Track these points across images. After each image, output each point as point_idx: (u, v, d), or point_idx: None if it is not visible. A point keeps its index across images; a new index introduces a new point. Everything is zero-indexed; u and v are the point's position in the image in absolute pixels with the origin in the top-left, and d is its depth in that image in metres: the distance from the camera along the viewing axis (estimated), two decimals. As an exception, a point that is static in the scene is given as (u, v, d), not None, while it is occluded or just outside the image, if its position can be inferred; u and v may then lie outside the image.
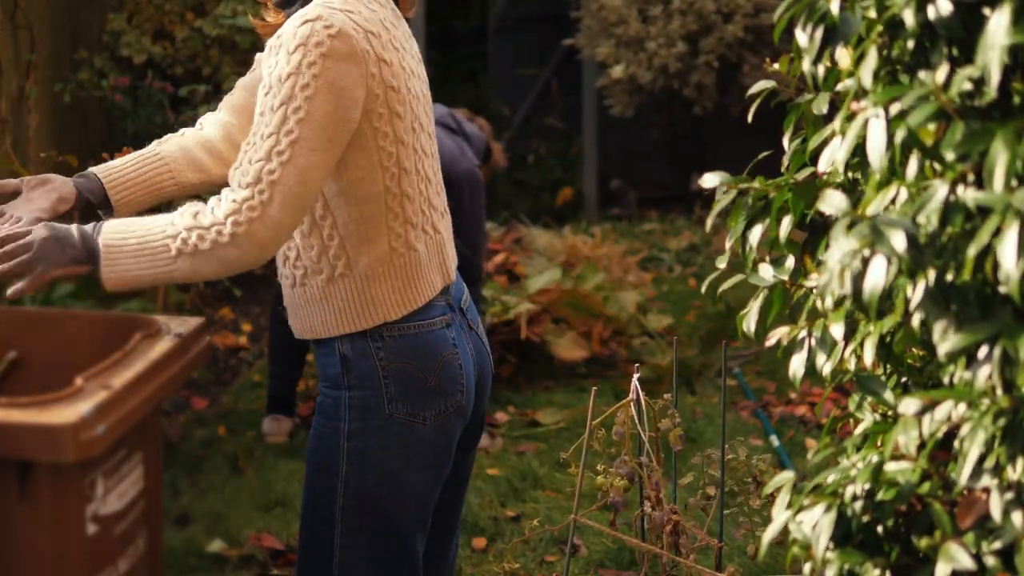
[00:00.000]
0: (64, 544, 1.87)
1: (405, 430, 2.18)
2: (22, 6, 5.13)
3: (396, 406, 2.17)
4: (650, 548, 2.52)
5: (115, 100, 5.79)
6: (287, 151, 1.99)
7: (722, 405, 2.56)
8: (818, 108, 1.78)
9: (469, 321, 2.30)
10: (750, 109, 1.92)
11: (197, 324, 2.21)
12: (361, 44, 2.03)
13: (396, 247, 2.16)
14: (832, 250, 1.41)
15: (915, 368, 1.72)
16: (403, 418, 2.18)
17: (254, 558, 3.61)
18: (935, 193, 1.39)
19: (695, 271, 7.02)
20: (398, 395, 2.17)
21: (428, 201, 2.22)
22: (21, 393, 1.99)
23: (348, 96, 2.02)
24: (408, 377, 2.17)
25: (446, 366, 2.19)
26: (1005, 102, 1.41)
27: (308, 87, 1.99)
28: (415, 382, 2.17)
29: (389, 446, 2.18)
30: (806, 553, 1.52)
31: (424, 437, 2.19)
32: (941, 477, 1.49)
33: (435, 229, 2.24)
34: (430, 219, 2.22)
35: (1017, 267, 1.25)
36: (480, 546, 3.68)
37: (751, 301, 1.86)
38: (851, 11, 1.58)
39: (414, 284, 2.18)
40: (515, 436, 4.57)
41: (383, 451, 2.19)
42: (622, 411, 2.50)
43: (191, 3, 6.25)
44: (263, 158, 2.00)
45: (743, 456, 2.63)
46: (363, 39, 2.04)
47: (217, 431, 4.54)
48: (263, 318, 5.94)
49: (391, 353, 2.17)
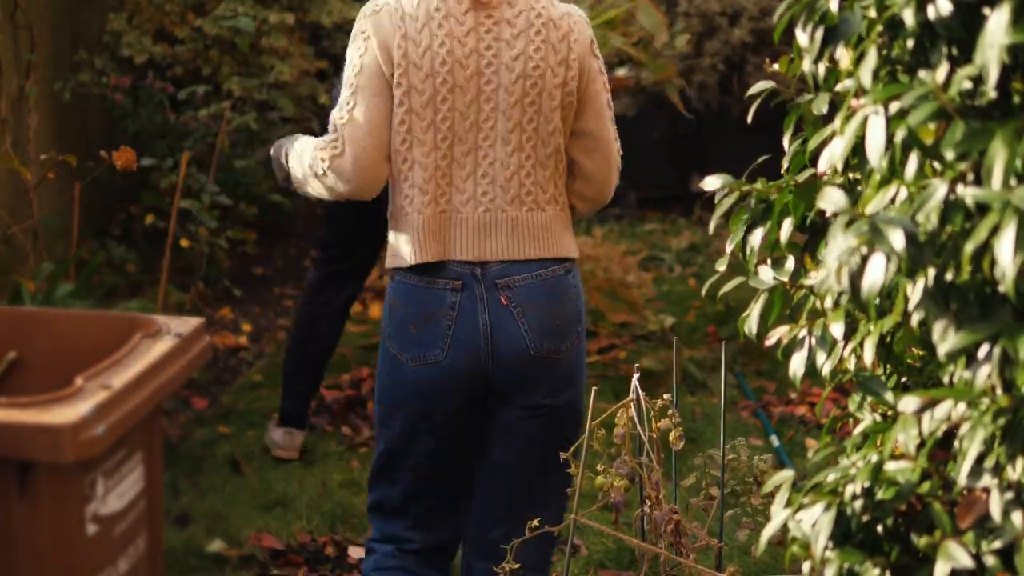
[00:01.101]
0: (64, 544, 1.87)
1: (394, 364, 2.58)
2: (22, 6, 5.13)
3: (390, 340, 2.57)
4: (650, 548, 2.52)
5: (115, 100, 5.79)
6: (351, 100, 2.52)
7: (722, 405, 2.56)
8: (818, 108, 1.78)
9: (503, 297, 2.54)
10: (750, 109, 1.92)
11: (197, 324, 2.21)
12: (393, 21, 2.47)
13: (403, 205, 2.55)
14: (830, 247, 1.41)
15: (915, 368, 1.72)
16: (393, 351, 2.57)
17: (254, 558, 3.61)
18: (934, 192, 1.39)
19: (695, 271, 7.01)
20: (392, 331, 2.56)
21: (449, 179, 2.52)
22: (21, 393, 1.99)
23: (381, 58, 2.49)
24: (399, 318, 2.55)
25: (434, 321, 2.52)
26: (1005, 101, 1.41)
27: (358, 49, 2.52)
28: (403, 325, 2.55)
29: (383, 372, 2.62)
30: (805, 552, 1.51)
31: (406, 375, 2.56)
32: (941, 476, 1.49)
33: (454, 207, 2.53)
34: (447, 195, 2.52)
35: (1013, 263, 1.25)
36: (480, 546, 3.68)
37: (752, 303, 1.86)
38: (851, 11, 1.58)
39: (410, 243, 2.52)
40: (515, 436, 4.57)
41: (380, 376, 2.64)
42: (622, 411, 2.50)
43: (191, 3, 6.25)
44: (339, 107, 2.53)
45: (744, 457, 2.63)
46: (391, 18, 2.48)
47: (217, 431, 4.54)
48: (263, 318, 5.94)
49: (395, 294, 2.57)
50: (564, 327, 2.62)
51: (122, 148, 3.88)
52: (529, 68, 2.51)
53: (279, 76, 6.14)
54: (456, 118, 2.50)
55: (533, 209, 2.56)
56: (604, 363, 5.31)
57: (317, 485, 4.08)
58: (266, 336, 5.69)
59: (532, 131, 2.55)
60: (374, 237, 4.28)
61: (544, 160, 2.57)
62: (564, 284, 2.63)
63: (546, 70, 2.52)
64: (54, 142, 5.28)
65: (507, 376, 2.57)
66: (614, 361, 5.32)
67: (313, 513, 3.86)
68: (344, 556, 3.63)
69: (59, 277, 4.31)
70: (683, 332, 5.60)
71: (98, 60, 5.89)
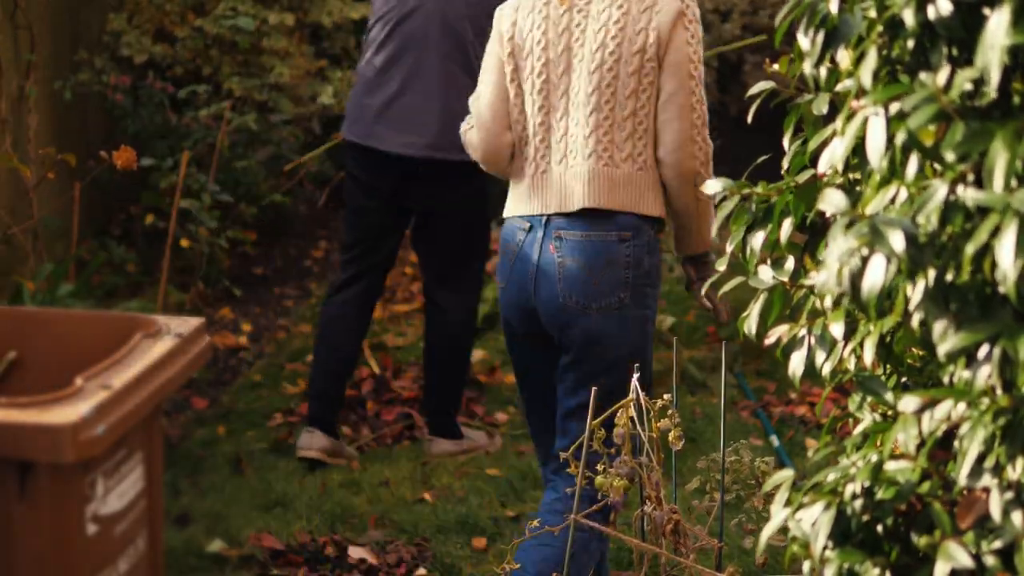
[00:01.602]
0: (64, 544, 1.87)
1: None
2: (22, 6, 5.13)
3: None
4: (650, 548, 2.52)
5: (116, 100, 5.79)
6: (480, 81, 3.03)
7: (722, 405, 2.56)
8: (818, 109, 1.78)
9: (552, 245, 2.86)
10: (750, 109, 1.92)
11: (197, 324, 2.21)
12: (508, 11, 2.94)
13: (521, 166, 2.95)
14: (831, 249, 1.41)
15: (915, 368, 1.72)
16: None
17: (254, 558, 3.61)
18: (935, 193, 1.39)
19: (695, 271, 7.00)
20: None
21: (548, 142, 2.90)
22: (21, 393, 1.99)
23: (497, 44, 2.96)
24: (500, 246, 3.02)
25: (507, 252, 2.96)
26: (1005, 102, 1.42)
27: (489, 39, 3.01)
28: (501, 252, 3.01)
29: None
30: (805, 551, 1.52)
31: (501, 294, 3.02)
32: (941, 476, 1.49)
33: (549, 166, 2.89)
34: (546, 156, 2.89)
35: (1014, 266, 1.25)
36: (480, 546, 3.68)
37: (752, 303, 1.86)
38: (851, 12, 1.58)
39: (513, 196, 2.98)
40: (515, 436, 4.57)
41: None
42: (622, 411, 2.50)
43: (191, 3, 6.25)
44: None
45: (747, 459, 2.62)
46: (509, 9, 2.94)
47: (217, 431, 4.54)
48: (263, 318, 5.95)
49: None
50: (601, 287, 2.84)
51: (122, 148, 3.88)
52: (608, 38, 2.82)
53: (279, 76, 6.14)
54: (550, 89, 2.87)
55: (608, 165, 2.82)
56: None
57: (317, 485, 4.08)
58: (266, 336, 5.69)
59: (610, 94, 2.82)
60: (391, 240, 4.29)
61: (621, 122, 2.83)
62: (612, 249, 2.85)
63: (624, 39, 2.81)
64: (54, 142, 5.28)
65: (547, 317, 2.90)
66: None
67: (313, 513, 3.86)
68: (344, 556, 3.63)
69: (59, 277, 4.31)
70: (683, 332, 5.60)
71: (98, 60, 5.89)
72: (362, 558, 3.60)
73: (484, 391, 4.99)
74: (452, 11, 4.07)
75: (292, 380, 5.06)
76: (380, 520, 3.86)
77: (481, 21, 4.05)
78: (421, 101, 4.06)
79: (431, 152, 4.05)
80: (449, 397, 4.39)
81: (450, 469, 4.24)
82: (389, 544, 3.70)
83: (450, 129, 4.00)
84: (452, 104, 4.00)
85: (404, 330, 5.61)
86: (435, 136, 4.04)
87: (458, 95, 4.03)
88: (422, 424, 4.56)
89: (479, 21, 4.05)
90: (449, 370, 4.37)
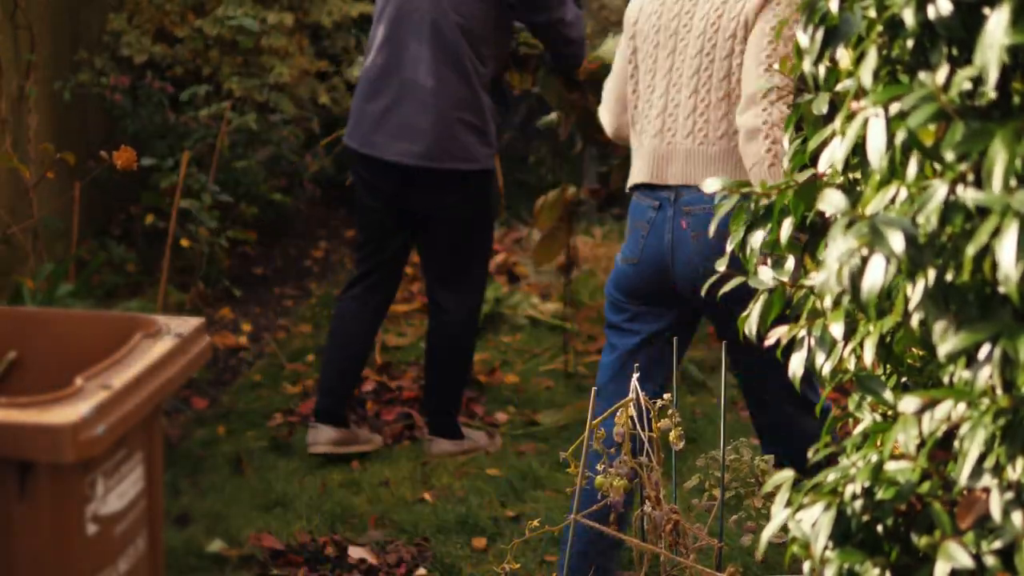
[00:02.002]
0: (64, 544, 1.87)
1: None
2: (22, 6, 5.13)
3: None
4: (650, 548, 2.52)
5: (115, 99, 5.79)
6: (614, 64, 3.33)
7: (722, 405, 2.56)
8: (818, 108, 1.78)
9: (684, 222, 3.06)
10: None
11: (197, 324, 2.21)
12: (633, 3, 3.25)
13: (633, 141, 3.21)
14: (831, 249, 1.41)
15: (915, 368, 1.72)
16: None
17: (254, 558, 3.61)
18: (935, 193, 1.39)
19: (695, 271, 7.00)
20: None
21: (649, 118, 3.14)
22: (21, 393, 1.99)
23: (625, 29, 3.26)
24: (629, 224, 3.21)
25: (637, 230, 3.15)
26: (1005, 102, 1.41)
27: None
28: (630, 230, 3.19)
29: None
30: (805, 552, 1.51)
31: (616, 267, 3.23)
32: (941, 476, 1.49)
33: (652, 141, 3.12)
34: (648, 131, 3.14)
35: (1016, 268, 1.25)
36: (480, 546, 3.69)
37: (752, 303, 1.86)
38: (851, 11, 1.58)
39: (633, 167, 3.19)
40: (515, 436, 4.57)
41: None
42: (622, 411, 2.50)
43: (191, 3, 6.25)
44: None
45: (747, 457, 2.62)
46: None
47: (217, 431, 4.54)
48: (263, 318, 5.94)
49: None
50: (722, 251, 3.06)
51: (122, 148, 3.88)
52: (707, 24, 3.05)
53: (279, 76, 6.15)
54: (658, 69, 3.13)
55: (703, 143, 3.06)
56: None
57: (317, 485, 4.08)
58: (266, 336, 5.69)
59: (707, 77, 3.06)
60: (397, 239, 4.30)
61: (716, 103, 3.06)
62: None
63: (720, 25, 3.04)
64: (54, 142, 5.27)
65: (684, 287, 3.10)
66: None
67: (313, 513, 3.86)
68: (344, 556, 3.63)
69: (59, 277, 4.30)
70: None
71: (98, 60, 5.89)
72: (362, 558, 3.60)
73: (484, 391, 4.99)
74: (442, 18, 4.08)
75: (292, 380, 5.06)
76: (380, 520, 3.86)
77: (473, 27, 4.06)
78: (415, 110, 4.08)
79: (426, 161, 4.08)
80: (449, 397, 4.39)
81: (450, 469, 4.25)
82: (389, 544, 3.70)
83: (445, 138, 4.03)
84: (446, 113, 4.02)
85: (404, 330, 5.62)
86: (428, 146, 4.07)
87: (453, 104, 4.04)
88: (422, 424, 4.56)
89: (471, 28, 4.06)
90: (449, 370, 4.38)
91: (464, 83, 4.06)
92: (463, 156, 4.08)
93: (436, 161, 4.06)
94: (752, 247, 1.83)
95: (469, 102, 4.07)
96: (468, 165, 4.10)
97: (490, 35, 4.12)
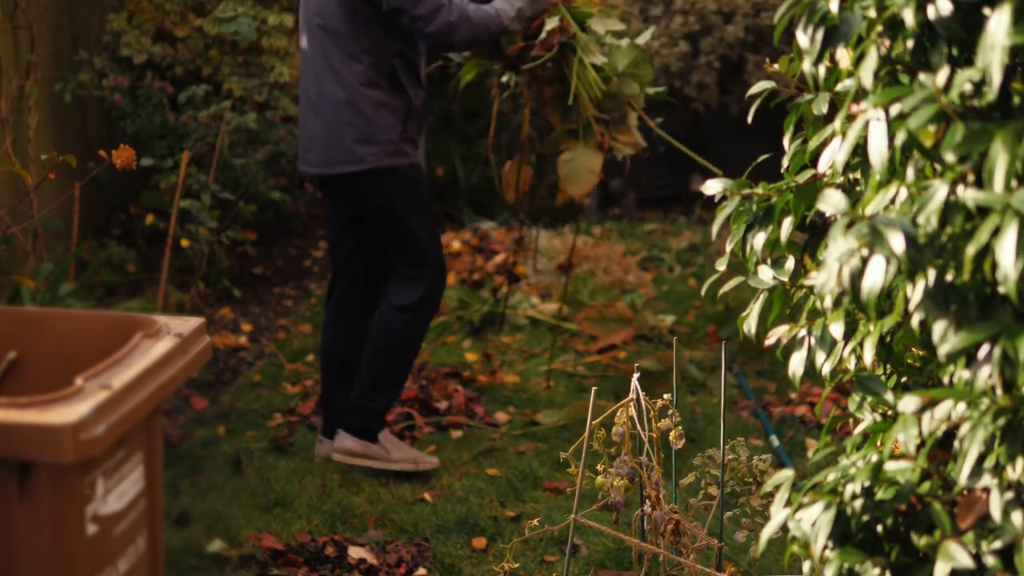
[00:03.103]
0: (64, 544, 1.87)
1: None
2: (22, 6, 5.13)
3: None
4: (650, 548, 2.52)
5: (115, 100, 5.79)
6: None
7: (722, 405, 2.56)
8: (818, 108, 1.78)
9: None
10: (750, 109, 1.92)
11: (197, 324, 2.21)
12: None
13: None
14: (831, 249, 1.41)
15: (915, 368, 1.72)
16: None
17: (254, 558, 3.61)
18: (935, 193, 1.39)
19: (695, 271, 7.01)
20: None
21: None
22: (21, 393, 1.99)
23: None
24: None
25: None
26: (1005, 103, 1.41)
27: None
28: None
29: None
30: (805, 551, 1.51)
31: None
32: (941, 476, 1.49)
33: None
34: None
35: (1015, 267, 1.25)
36: (480, 546, 3.68)
37: (752, 303, 1.86)
38: (851, 11, 1.58)
39: None
40: (515, 436, 4.57)
41: None
42: (622, 411, 2.50)
43: (191, 3, 6.25)
44: None
45: (744, 457, 2.63)
46: None
47: (217, 431, 4.54)
48: (263, 318, 5.95)
49: None
50: None
51: (121, 147, 3.88)
52: None
53: (279, 76, 6.15)
54: None
55: None
56: (604, 363, 5.31)
57: (317, 485, 4.08)
58: (266, 336, 5.69)
59: None
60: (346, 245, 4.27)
61: None
62: None
63: None
64: (54, 142, 5.29)
65: None
66: (614, 361, 5.33)
67: (313, 513, 3.86)
68: (344, 556, 3.63)
69: (59, 277, 4.30)
70: (683, 332, 5.60)
71: (98, 60, 5.89)
72: (362, 558, 3.60)
73: (484, 391, 4.99)
74: (313, 22, 4.10)
75: (292, 380, 5.06)
76: (380, 520, 3.86)
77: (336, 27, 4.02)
78: (310, 119, 4.14)
79: (322, 168, 4.12)
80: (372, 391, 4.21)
81: (450, 469, 4.24)
82: (389, 544, 3.70)
83: (332, 143, 4.05)
84: (330, 118, 4.04)
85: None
86: (321, 153, 4.10)
87: (332, 107, 4.04)
88: (422, 424, 4.56)
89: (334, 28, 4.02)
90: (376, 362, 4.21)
91: (337, 85, 4.05)
92: (348, 159, 4.08)
93: (328, 167, 4.10)
94: (752, 247, 1.84)
95: (345, 103, 4.04)
96: (356, 167, 4.09)
97: (357, 31, 4.02)
